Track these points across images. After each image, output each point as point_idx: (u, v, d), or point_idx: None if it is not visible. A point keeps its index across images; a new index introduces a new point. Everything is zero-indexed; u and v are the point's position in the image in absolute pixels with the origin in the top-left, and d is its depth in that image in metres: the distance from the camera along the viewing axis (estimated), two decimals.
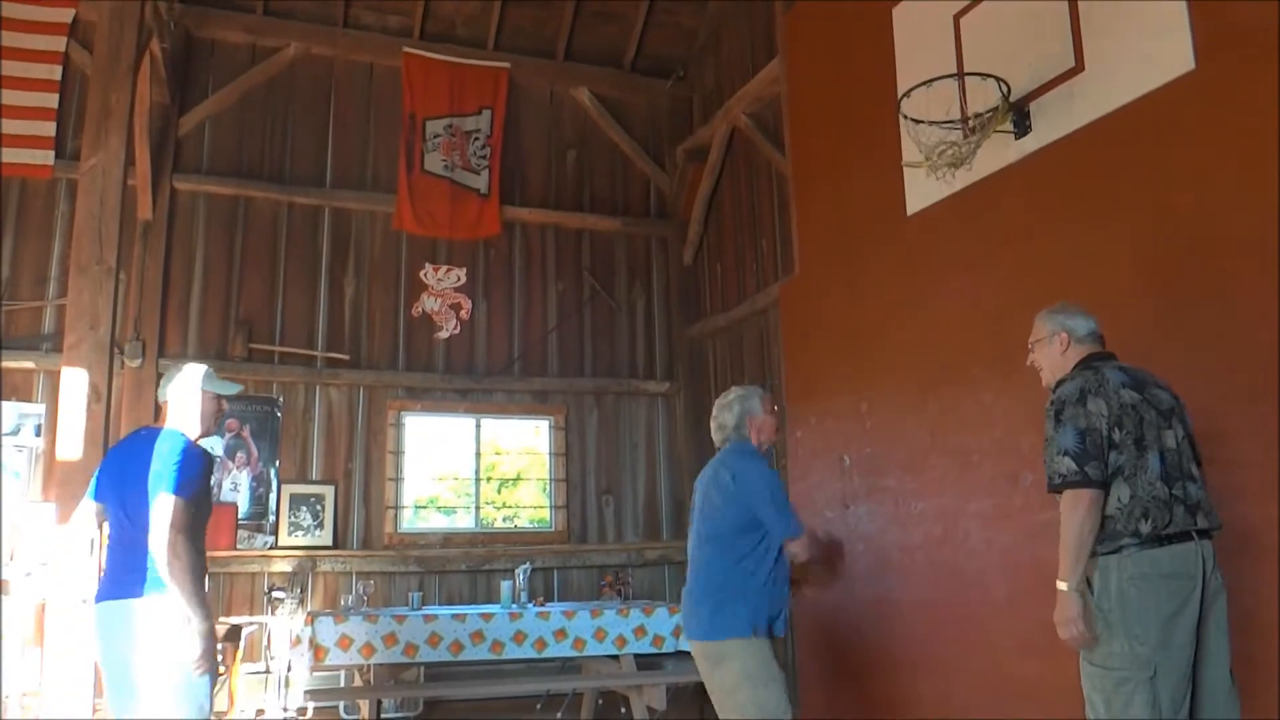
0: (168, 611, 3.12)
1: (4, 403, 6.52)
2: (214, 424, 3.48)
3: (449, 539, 7.58)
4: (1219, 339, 3.49)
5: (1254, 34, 3.54)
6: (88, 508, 3.42)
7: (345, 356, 7.47)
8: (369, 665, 5.47)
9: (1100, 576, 2.67)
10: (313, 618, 5.32)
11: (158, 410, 3.54)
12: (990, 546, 4.64)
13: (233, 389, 3.53)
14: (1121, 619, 2.61)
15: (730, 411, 3.84)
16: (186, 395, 3.38)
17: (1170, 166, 3.84)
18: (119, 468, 3.33)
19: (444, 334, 7.82)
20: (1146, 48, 3.91)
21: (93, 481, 3.44)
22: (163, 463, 3.16)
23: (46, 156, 6.83)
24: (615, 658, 5.87)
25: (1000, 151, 4.50)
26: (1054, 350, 2.99)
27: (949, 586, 4.81)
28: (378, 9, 7.90)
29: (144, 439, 3.32)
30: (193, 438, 3.34)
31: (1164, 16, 3.84)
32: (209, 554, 6.52)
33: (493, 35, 8.16)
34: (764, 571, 3.48)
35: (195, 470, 3.22)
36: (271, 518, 7.06)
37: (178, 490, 3.12)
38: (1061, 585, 2.68)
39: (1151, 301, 3.67)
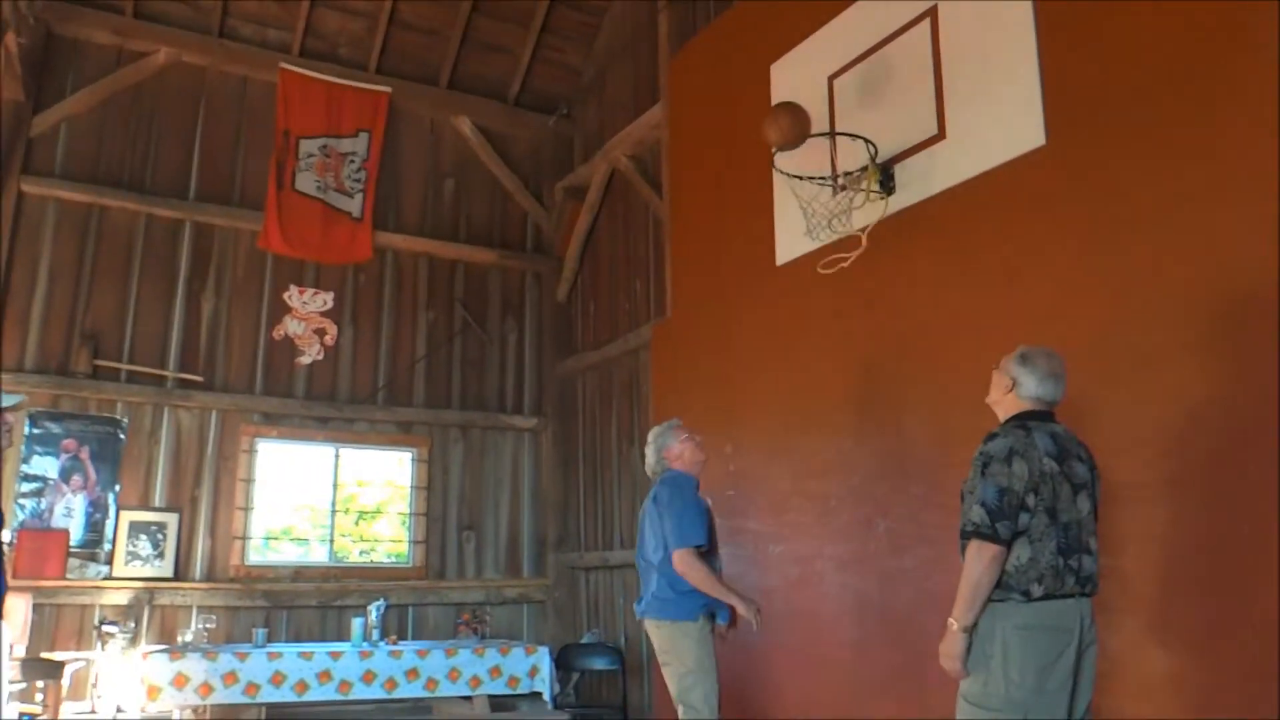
0: None
1: None
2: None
3: (300, 572, 7.29)
4: (1074, 403, 3.68)
5: (1101, 114, 3.80)
6: None
7: (199, 378, 7.14)
8: (206, 705, 5.18)
9: (987, 622, 2.81)
10: (147, 654, 5.02)
11: None
12: (845, 590, 4.75)
13: (11, 400, 3.33)
14: (1002, 664, 2.76)
15: (651, 450, 4.43)
16: None
17: (1019, 235, 4.07)
18: None
19: (306, 359, 7.57)
20: (1002, 121, 4.15)
21: None
22: None
23: None
24: (468, 698, 5.74)
25: (866, 210, 4.67)
26: (999, 386, 3.08)
27: (803, 629, 4.89)
28: (257, 21, 7.69)
29: None
30: None
31: (1019, 93, 4.09)
32: (36, 583, 6.13)
33: (375, 58, 8.04)
34: None
35: None
36: (108, 546, 6.63)
37: None
38: (953, 624, 2.83)
39: None
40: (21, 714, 5.00)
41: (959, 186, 4.33)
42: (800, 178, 4.69)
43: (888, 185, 4.64)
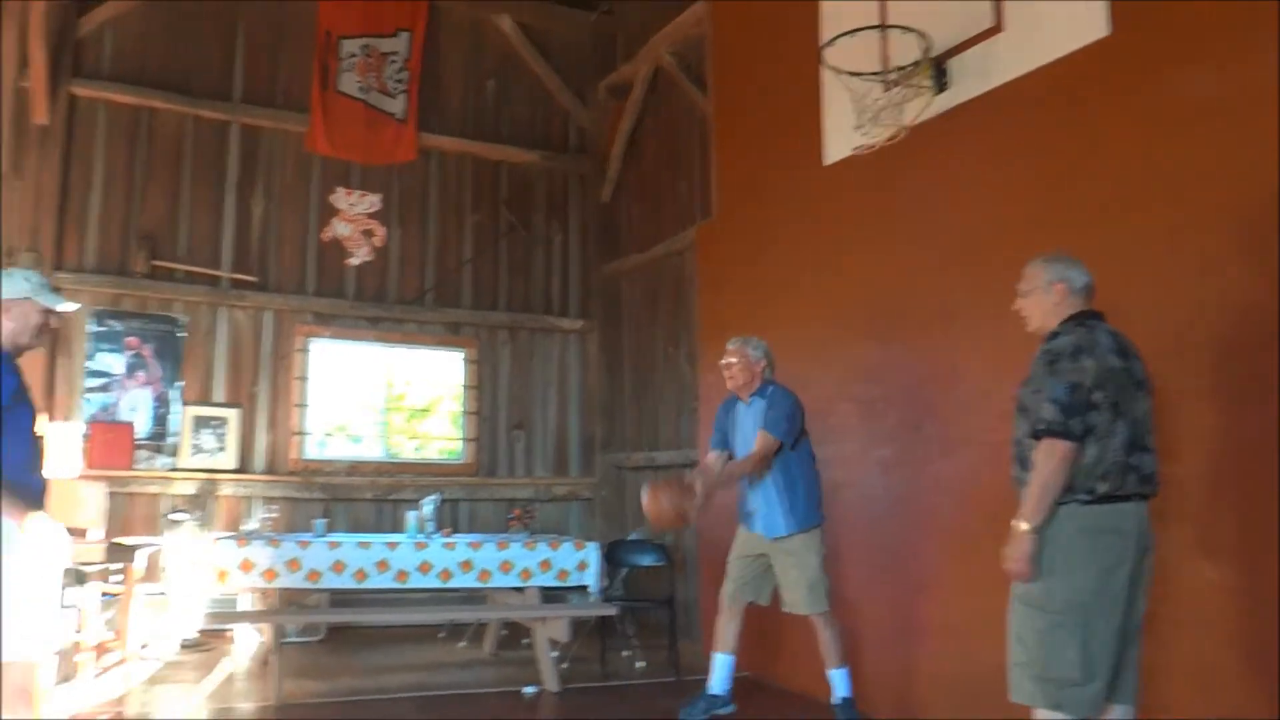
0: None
1: None
2: (34, 338, 3.09)
3: (356, 467, 7.53)
4: (1130, 306, 3.64)
5: (1167, 5, 3.65)
6: None
7: (252, 278, 7.29)
8: (271, 589, 5.43)
9: (1051, 524, 2.78)
10: (215, 540, 5.25)
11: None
12: (888, 493, 4.81)
13: (69, 307, 3.24)
14: (1065, 566, 2.74)
15: None
16: (8, 300, 3.02)
17: (1081, 130, 3.96)
18: None
19: (356, 260, 7.67)
20: (1064, 12, 4.01)
21: None
22: None
23: None
24: (520, 590, 5.94)
25: (918, 107, 4.58)
26: (1049, 299, 2.99)
27: (848, 530, 4.96)
28: None
29: None
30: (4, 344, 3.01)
31: None
32: (108, 473, 6.39)
33: None
34: None
35: None
36: (173, 439, 6.90)
37: None
38: (1023, 525, 2.78)
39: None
40: (103, 594, 5.28)
41: (1016, 81, 4.21)
42: (850, 73, 4.60)
43: (940, 81, 4.53)
